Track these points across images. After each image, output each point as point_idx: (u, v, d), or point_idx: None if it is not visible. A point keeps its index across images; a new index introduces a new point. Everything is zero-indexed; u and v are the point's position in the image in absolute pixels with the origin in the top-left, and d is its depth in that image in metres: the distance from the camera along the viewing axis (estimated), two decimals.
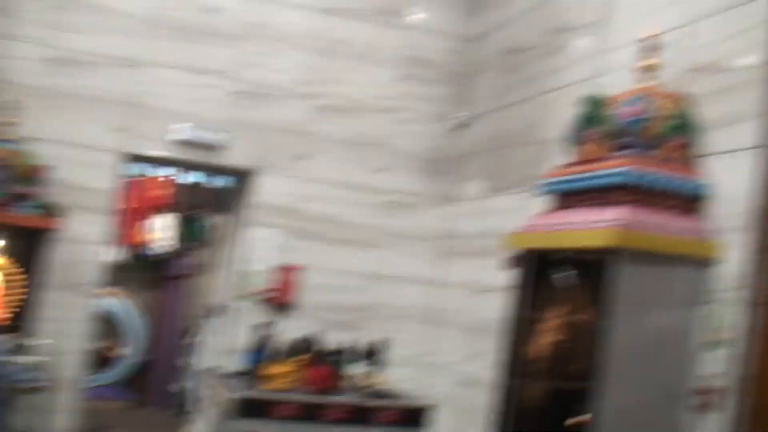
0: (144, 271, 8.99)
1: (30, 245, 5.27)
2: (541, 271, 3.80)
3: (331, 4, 6.18)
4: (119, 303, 8.90)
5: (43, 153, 5.30)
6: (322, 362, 5.40)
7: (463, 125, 6.26)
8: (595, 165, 3.52)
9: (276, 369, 5.27)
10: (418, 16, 6.42)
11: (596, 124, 3.57)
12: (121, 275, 8.61)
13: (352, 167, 6.23)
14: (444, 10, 6.46)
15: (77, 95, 5.55)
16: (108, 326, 8.56)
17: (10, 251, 5.18)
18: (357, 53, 6.24)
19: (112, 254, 8.52)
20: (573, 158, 3.75)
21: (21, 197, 5.03)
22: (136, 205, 8.63)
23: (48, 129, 5.43)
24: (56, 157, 5.40)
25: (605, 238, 3.23)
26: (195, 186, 8.25)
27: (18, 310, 5.15)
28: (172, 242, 8.62)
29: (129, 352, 9.08)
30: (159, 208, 8.72)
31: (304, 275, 6.03)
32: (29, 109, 5.30)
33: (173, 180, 8.59)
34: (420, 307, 6.24)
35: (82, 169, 5.55)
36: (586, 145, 3.64)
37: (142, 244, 8.68)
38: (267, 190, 6.03)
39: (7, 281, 5.16)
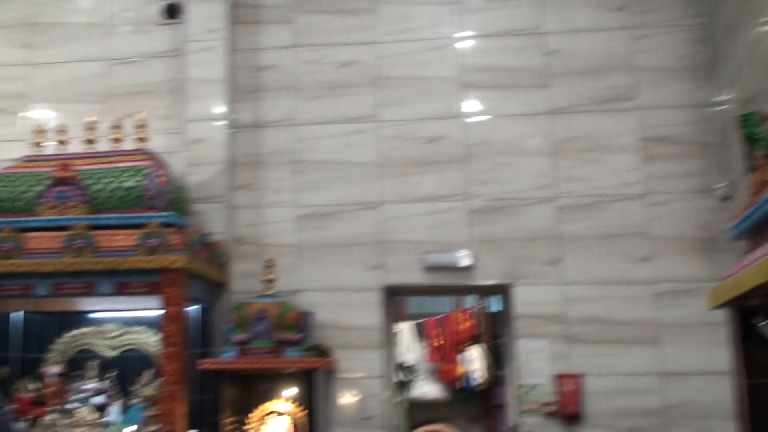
0: (466, 404, 9.08)
1: (307, 387, 5.71)
2: None
3: (551, 106, 6.10)
4: None
5: (303, 302, 5.83)
6: None
7: (726, 197, 5.62)
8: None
9: None
10: (648, 95, 6.05)
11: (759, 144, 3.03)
12: (445, 410, 8.80)
13: (611, 261, 5.85)
14: (676, 83, 6.02)
15: (328, 244, 6.08)
16: None
17: (290, 396, 5.68)
18: (589, 146, 6.02)
19: (430, 390, 8.82)
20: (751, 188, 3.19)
21: (288, 343, 5.52)
22: (449, 340, 8.89)
23: (307, 279, 5.99)
24: (319, 303, 5.90)
25: None
26: (496, 314, 8.30)
27: None
28: (485, 372, 8.64)
29: None
30: (469, 340, 8.87)
31: (584, 382, 5.68)
32: (287, 264, 5.93)
33: (477, 310, 8.75)
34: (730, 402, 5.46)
35: (346, 310, 5.95)
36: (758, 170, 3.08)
37: (460, 377, 8.82)
38: (525, 300, 5.89)
39: (295, 424, 5.61)
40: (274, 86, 6.40)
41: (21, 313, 6.00)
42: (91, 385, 5.74)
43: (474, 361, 8.80)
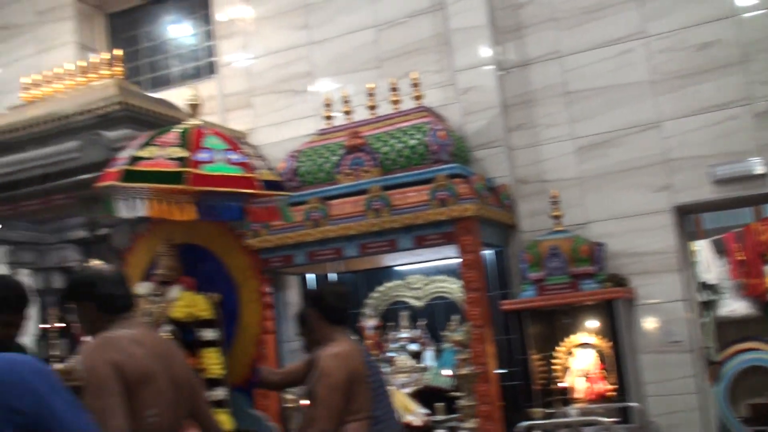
0: None
1: (608, 318, 5.73)
2: None
3: None
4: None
5: (593, 233, 5.84)
6: None
7: None
8: None
9: None
10: None
11: None
12: (757, 327, 8.34)
13: None
14: None
15: (611, 172, 5.98)
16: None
17: (592, 328, 5.75)
18: None
19: (738, 308, 8.39)
20: None
21: (584, 276, 5.57)
22: (751, 253, 8.37)
23: (593, 210, 5.97)
24: (608, 232, 5.87)
25: None
26: None
27: (617, 380, 5.59)
28: None
29: None
30: None
31: None
32: (571, 198, 5.95)
33: None
34: None
35: (637, 236, 5.85)
36: None
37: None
38: None
39: (601, 354, 5.69)
40: (534, 21, 6.35)
41: (335, 275, 6.64)
42: (405, 334, 6.22)
43: None
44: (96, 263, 7.03)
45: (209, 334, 3.41)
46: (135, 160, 3.34)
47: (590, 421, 4.95)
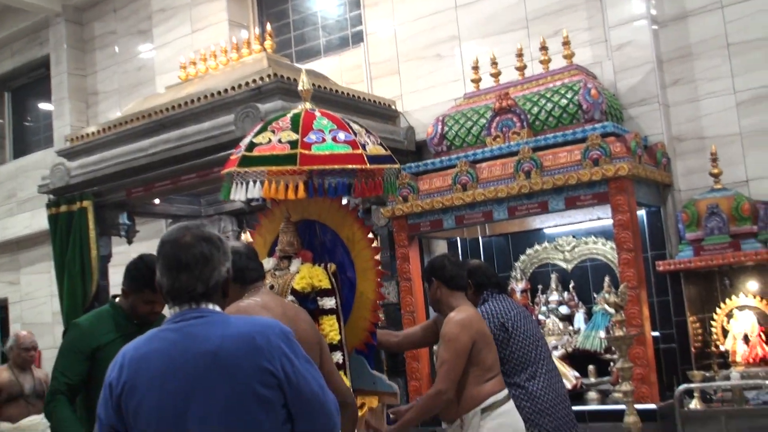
0: None
1: None
2: None
3: None
4: None
5: (754, 191, 5.58)
6: None
7: None
8: None
9: None
10: None
11: None
12: None
13: None
14: None
15: None
16: None
17: (753, 290, 5.51)
18: None
19: None
20: None
21: (744, 236, 5.33)
22: None
23: (755, 167, 5.69)
24: None
25: None
26: None
27: None
28: None
29: None
30: None
31: None
32: (731, 155, 5.69)
33: None
34: None
35: None
36: None
37: None
38: None
39: (761, 318, 5.46)
40: None
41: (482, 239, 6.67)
42: (555, 296, 6.18)
43: None
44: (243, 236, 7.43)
45: (328, 302, 3.54)
46: (252, 146, 3.51)
47: (753, 385, 4.78)
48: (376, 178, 3.74)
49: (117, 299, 3.65)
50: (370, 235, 3.85)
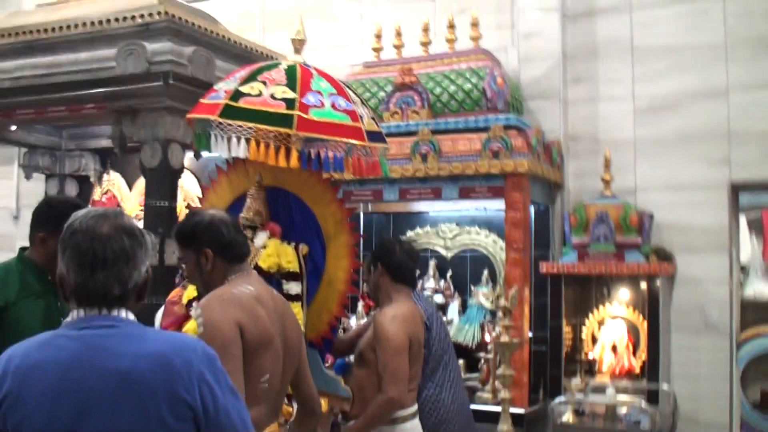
0: None
1: (647, 292, 5.49)
2: None
3: None
4: None
5: (640, 201, 5.54)
6: None
7: None
8: None
9: None
10: None
11: None
12: None
13: None
14: None
15: (668, 138, 5.63)
16: None
17: (627, 301, 5.51)
18: None
19: (765, 290, 8.16)
20: None
21: (628, 247, 5.30)
22: None
23: (644, 177, 5.66)
24: (656, 202, 5.56)
25: None
26: None
27: (645, 356, 5.36)
28: None
29: None
30: None
31: None
32: (623, 162, 5.63)
33: None
34: None
35: (686, 210, 5.56)
36: None
37: None
38: None
39: (631, 329, 5.47)
40: None
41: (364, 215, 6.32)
42: (431, 284, 5.95)
43: None
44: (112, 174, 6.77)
45: (294, 287, 3.15)
46: (238, 95, 3.07)
47: (626, 402, 4.76)
48: (372, 157, 3.30)
49: (26, 252, 3.01)
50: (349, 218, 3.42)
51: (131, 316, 1.75)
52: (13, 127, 6.73)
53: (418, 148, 5.14)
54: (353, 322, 5.88)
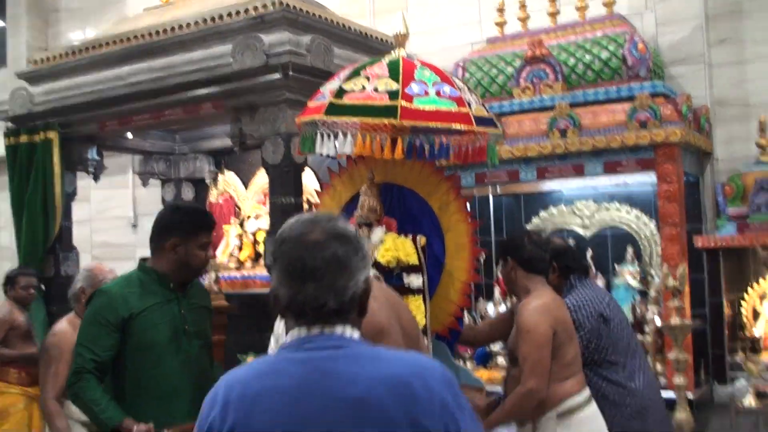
0: None
1: None
2: None
3: None
4: None
5: None
6: None
7: None
8: None
9: None
10: None
11: None
12: None
13: None
14: None
15: None
16: None
17: None
18: None
19: None
20: None
21: None
22: None
23: None
24: None
25: None
26: None
27: None
28: None
29: None
30: None
31: None
32: None
33: None
34: None
35: None
36: None
37: None
38: None
39: None
40: None
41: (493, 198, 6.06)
42: None
43: None
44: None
45: (416, 280, 3.06)
46: (341, 93, 3.00)
47: None
48: (479, 143, 3.15)
49: (147, 262, 3.07)
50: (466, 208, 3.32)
51: (356, 334, 1.58)
52: (130, 135, 6.80)
53: (556, 123, 4.86)
54: (491, 309, 5.69)
